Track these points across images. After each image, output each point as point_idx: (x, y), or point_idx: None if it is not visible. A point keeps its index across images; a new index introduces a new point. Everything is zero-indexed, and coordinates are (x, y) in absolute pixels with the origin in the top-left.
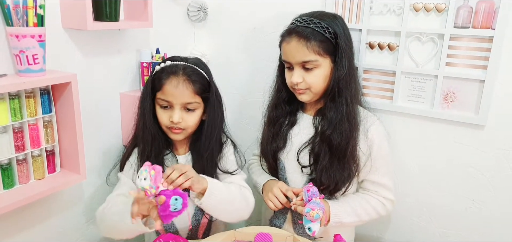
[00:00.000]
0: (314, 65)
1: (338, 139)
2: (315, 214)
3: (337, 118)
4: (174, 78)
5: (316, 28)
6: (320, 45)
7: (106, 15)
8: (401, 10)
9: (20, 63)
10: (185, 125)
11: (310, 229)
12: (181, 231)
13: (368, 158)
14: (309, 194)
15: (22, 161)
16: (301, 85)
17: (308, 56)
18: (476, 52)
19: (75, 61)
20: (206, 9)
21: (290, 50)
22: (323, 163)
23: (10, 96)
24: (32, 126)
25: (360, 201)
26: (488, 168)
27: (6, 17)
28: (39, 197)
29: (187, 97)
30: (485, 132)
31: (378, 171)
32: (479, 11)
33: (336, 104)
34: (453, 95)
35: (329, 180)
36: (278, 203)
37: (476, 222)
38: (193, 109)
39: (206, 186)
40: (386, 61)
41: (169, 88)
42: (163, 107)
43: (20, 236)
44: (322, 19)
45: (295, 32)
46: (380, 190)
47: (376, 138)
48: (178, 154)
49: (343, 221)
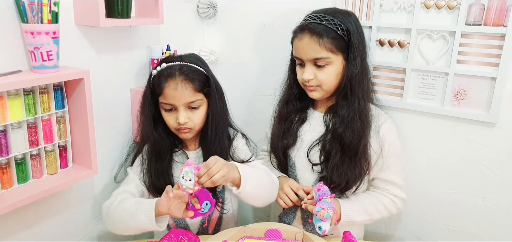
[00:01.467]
0: (326, 62)
1: (350, 137)
2: (325, 213)
3: (349, 116)
4: (172, 81)
5: (329, 25)
6: (333, 42)
7: (118, 12)
8: (411, 7)
9: (35, 60)
10: (192, 124)
11: (320, 228)
12: (191, 226)
13: (380, 156)
14: (320, 193)
15: (35, 156)
16: (312, 82)
17: (320, 53)
18: (488, 50)
19: (87, 57)
20: (215, 6)
21: (302, 46)
22: (334, 161)
23: (25, 92)
24: (46, 121)
25: (371, 199)
26: (499, 166)
27: (22, 14)
28: (52, 192)
29: (188, 96)
30: (496, 130)
31: (389, 169)
32: (491, 8)
33: (348, 102)
34: (464, 93)
35: (340, 179)
36: (289, 201)
37: (486, 219)
38: (197, 107)
39: (239, 176)
40: (396, 59)
41: (169, 92)
42: (168, 111)
43: (33, 230)
44: (335, 16)
45: (308, 29)
46: (392, 188)
47: (388, 136)
48: (188, 151)
49: (354, 220)
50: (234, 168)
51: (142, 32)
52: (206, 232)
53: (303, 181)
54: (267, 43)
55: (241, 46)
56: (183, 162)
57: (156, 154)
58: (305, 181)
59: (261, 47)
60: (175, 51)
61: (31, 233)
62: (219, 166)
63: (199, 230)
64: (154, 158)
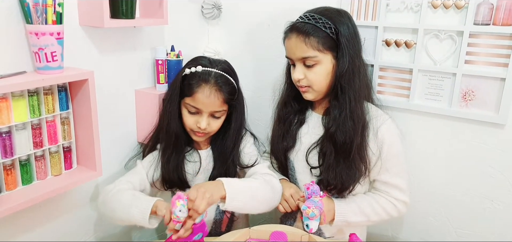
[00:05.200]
0: (314, 61)
1: (342, 137)
2: (310, 212)
3: (341, 116)
4: (206, 87)
5: (316, 24)
6: (320, 41)
7: (123, 12)
8: (418, 7)
9: (39, 61)
10: (210, 129)
11: (308, 226)
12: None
13: (378, 158)
14: (309, 192)
15: (40, 157)
16: (303, 81)
17: (307, 52)
18: (497, 50)
19: (91, 58)
20: (220, 6)
21: (291, 46)
22: (329, 161)
23: (29, 93)
24: (50, 122)
25: (369, 200)
26: (508, 168)
27: (26, 15)
28: (56, 193)
29: (217, 106)
30: (505, 131)
31: (389, 171)
32: (501, 8)
33: (339, 102)
34: (472, 94)
35: (335, 179)
36: (288, 208)
37: (494, 222)
38: (219, 117)
39: (224, 194)
40: (403, 59)
41: (200, 97)
42: (192, 113)
43: (37, 231)
44: (323, 14)
45: (295, 28)
46: (391, 190)
47: (387, 138)
48: (199, 149)
49: (349, 220)
50: (220, 186)
51: (146, 33)
52: (219, 229)
53: (303, 184)
54: (272, 44)
55: (246, 47)
56: (195, 161)
57: (176, 148)
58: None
59: (265, 47)
60: (179, 51)
61: (35, 234)
62: (201, 196)
63: (212, 228)
64: (174, 152)
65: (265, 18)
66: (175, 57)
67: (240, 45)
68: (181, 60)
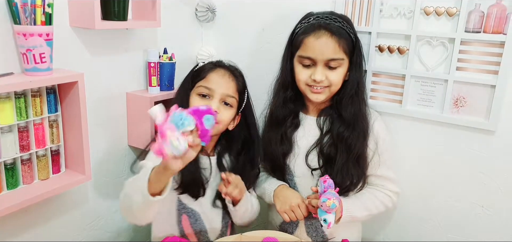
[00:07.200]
0: (339, 63)
1: (355, 139)
2: (331, 203)
3: (355, 117)
4: (221, 70)
5: (343, 27)
6: (347, 44)
7: (114, 14)
8: (411, 13)
9: (27, 62)
10: (220, 119)
11: (326, 220)
12: (210, 232)
13: (375, 153)
14: (326, 185)
15: (26, 161)
16: (323, 83)
17: (338, 53)
18: (487, 57)
19: (82, 60)
20: (214, 9)
21: (320, 46)
22: (341, 163)
23: (16, 95)
24: (38, 125)
25: (369, 196)
26: (498, 174)
27: (14, 15)
28: (43, 198)
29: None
30: (495, 138)
31: (384, 165)
32: (491, 16)
33: (353, 104)
34: (463, 100)
35: (345, 180)
36: (294, 217)
37: (485, 228)
38: (230, 104)
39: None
40: (395, 65)
41: (214, 77)
42: (203, 95)
43: (24, 236)
44: (343, 19)
45: (327, 28)
46: (386, 183)
47: (381, 133)
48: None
49: (355, 216)
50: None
51: (138, 35)
52: (225, 234)
53: (302, 188)
54: (266, 47)
55: (240, 50)
56: (204, 168)
57: None
58: (304, 187)
59: (260, 51)
60: (172, 54)
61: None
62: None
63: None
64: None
65: (259, 22)
66: (168, 60)
67: (234, 48)
68: (174, 63)
